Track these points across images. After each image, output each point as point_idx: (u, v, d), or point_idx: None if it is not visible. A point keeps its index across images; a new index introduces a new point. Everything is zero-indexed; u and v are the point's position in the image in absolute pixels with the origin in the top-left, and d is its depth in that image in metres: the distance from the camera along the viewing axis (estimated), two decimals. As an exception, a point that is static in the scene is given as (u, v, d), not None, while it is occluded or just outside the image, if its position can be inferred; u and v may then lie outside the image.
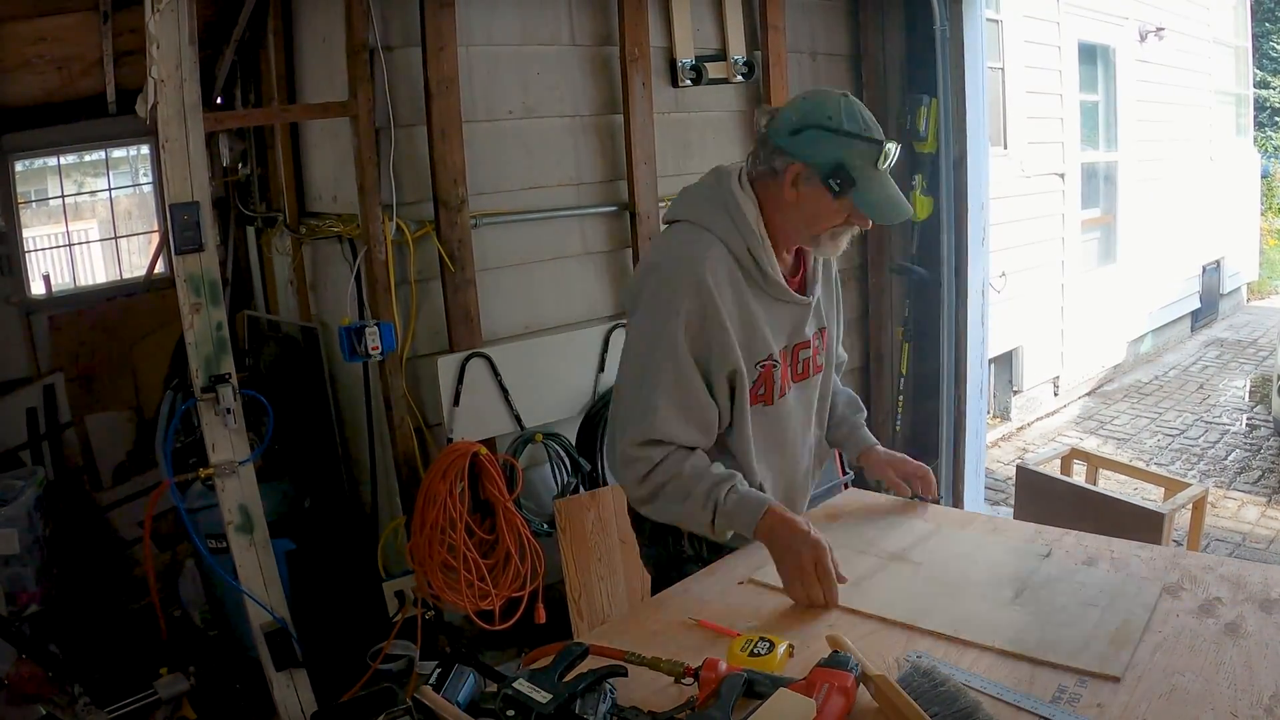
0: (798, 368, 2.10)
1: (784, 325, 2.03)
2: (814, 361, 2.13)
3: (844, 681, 1.35)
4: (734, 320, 1.92)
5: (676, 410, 1.91)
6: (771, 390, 2.02)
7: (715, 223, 1.95)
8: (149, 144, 5.74)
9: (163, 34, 2.73)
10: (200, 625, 4.07)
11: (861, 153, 1.85)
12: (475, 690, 1.44)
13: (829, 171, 1.85)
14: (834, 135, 1.85)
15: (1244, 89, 10.95)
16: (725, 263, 1.92)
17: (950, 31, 4.42)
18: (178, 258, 2.88)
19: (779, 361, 2.02)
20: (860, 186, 1.86)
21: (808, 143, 1.87)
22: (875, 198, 1.87)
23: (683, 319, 1.88)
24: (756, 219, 1.95)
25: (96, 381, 5.45)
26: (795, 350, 2.08)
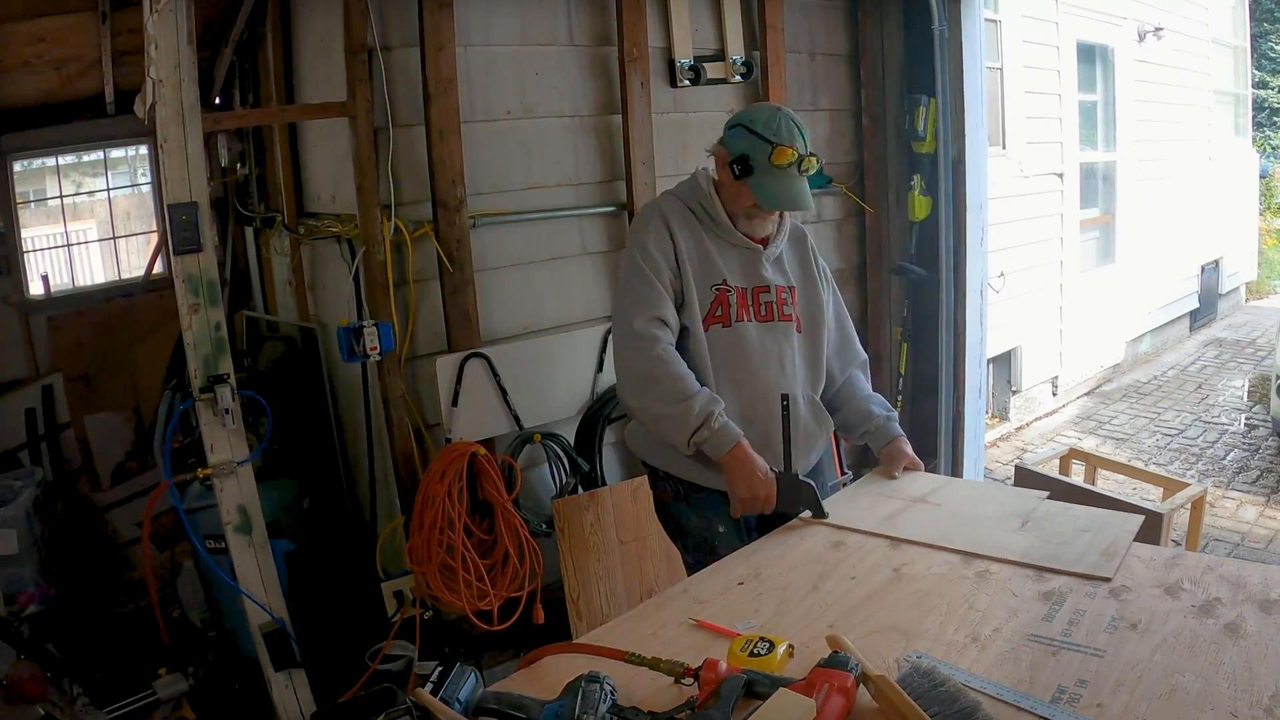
0: (760, 309, 2.49)
1: (736, 264, 2.48)
2: (779, 309, 2.50)
3: (844, 681, 1.35)
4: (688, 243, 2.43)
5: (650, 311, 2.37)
6: (728, 313, 2.44)
7: (680, 189, 2.56)
8: (148, 144, 5.72)
9: (161, 34, 2.73)
10: (199, 625, 4.07)
11: (761, 150, 2.34)
12: (476, 690, 1.44)
13: (734, 158, 2.39)
14: (748, 133, 2.37)
15: (1242, 89, 10.96)
16: (681, 211, 2.48)
17: (949, 31, 4.42)
18: (176, 258, 2.88)
19: (733, 289, 2.45)
20: (756, 175, 2.37)
21: (731, 136, 2.43)
22: (765, 186, 2.37)
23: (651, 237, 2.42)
24: (709, 185, 2.50)
25: (95, 382, 5.44)
26: (755, 292, 2.49)
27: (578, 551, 3.48)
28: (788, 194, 2.38)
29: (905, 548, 2.02)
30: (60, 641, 3.79)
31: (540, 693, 1.45)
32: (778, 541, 2.14)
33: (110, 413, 5.42)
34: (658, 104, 3.97)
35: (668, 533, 2.68)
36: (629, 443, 2.66)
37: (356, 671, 3.47)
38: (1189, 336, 9.44)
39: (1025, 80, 6.63)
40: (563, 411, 3.77)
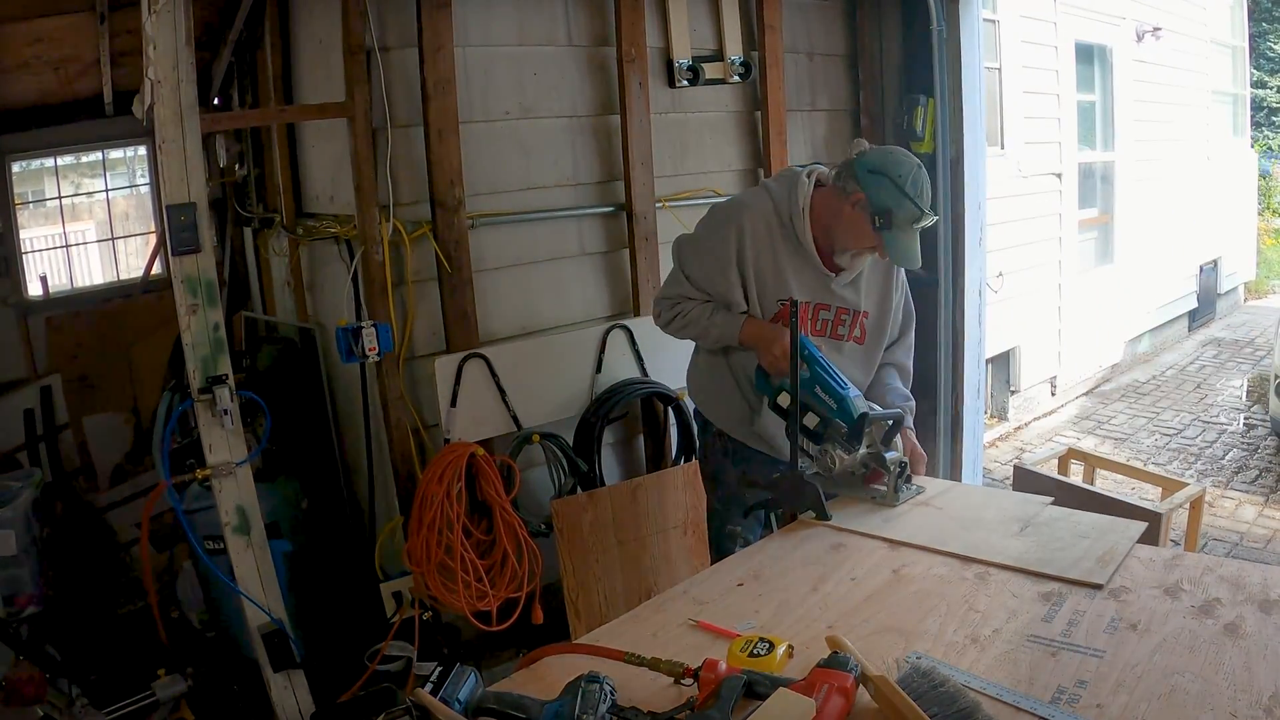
0: (816, 324, 2.65)
1: (807, 282, 2.61)
2: (836, 328, 2.68)
3: (843, 682, 1.35)
4: (761, 258, 2.58)
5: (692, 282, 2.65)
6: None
7: (776, 188, 2.62)
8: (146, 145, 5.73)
9: (160, 35, 2.73)
10: (198, 626, 4.06)
11: (908, 210, 2.40)
12: (476, 690, 1.44)
13: (879, 210, 2.41)
14: (896, 190, 2.40)
15: (1241, 89, 10.97)
16: (766, 217, 2.58)
17: (947, 32, 4.41)
18: (175, 259, 2.88)
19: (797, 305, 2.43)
20: (894, 231, 2.43)
21: (876, 184, 2.42)
22: (900, 243, 2.45)
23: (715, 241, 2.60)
24: (806, 201, 2.56)
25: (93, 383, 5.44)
26: (816, 308, 2.64)
27: (576, 552, 3.47)
28: (913, 251, 2.49)
29: (904, 550, 2.02)
30: (59, 643, 3.78)
31: (540, 693, 1.45)
32: (778, 543, 2.14)
33: (109, 414, 5.43)
34: (656, 104, 3.97)
35: (704, 476, 3.05)
36: (690, 392, 3.01)
37: (355, 672, 3.47)
38: (1187, 336, 9.45)
39: (1023, 80, 6.64)
40: (561, 412, 3.77)
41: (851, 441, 2.30)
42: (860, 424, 2.28)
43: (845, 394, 2.31)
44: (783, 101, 4.35)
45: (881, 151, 2.51)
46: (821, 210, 2.56)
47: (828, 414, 2.31)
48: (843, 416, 2.30)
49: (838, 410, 2.31)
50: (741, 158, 4.38)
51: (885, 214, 2.41)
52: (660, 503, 3.63)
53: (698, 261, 2.65)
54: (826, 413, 2.32)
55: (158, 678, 3.28)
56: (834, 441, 2.32)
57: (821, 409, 2.32)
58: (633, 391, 3.84)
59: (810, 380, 2.33)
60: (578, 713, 1.34)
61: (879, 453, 2.30)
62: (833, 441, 2.32)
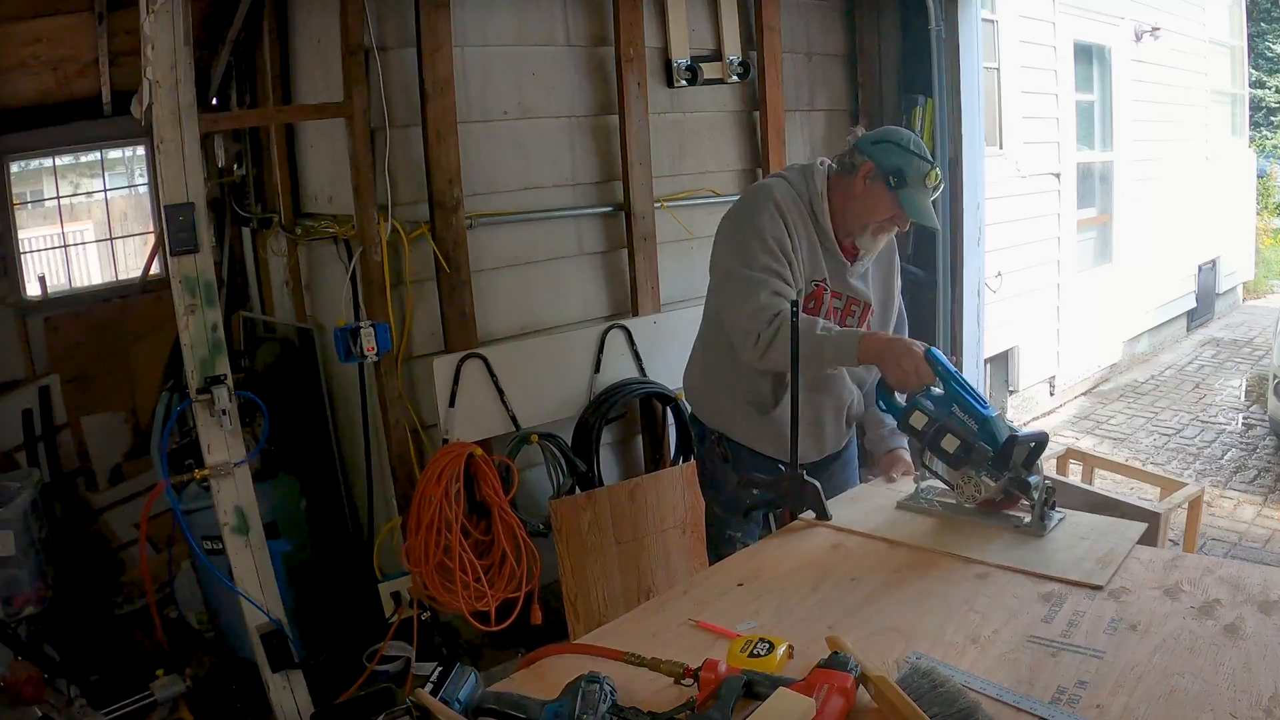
0: (832, 315, 2.61)
1: (827, 269, 2.58)
2: (846, 319, 2.64)
3: (843, 682, 1.35)
4: (798, 234, 2.52)
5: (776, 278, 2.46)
6: (818, 309, 2.57)
7: (792, 176, 2.62)
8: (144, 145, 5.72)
9: (158, 35, 2.73)
10: (196, 627, 4.06)
11: (916, 167, 2.45)
12: (476, 690, 1.44)
13: (890, 171, 2.45)
14: (903, 150, 2.47)
15: (1240, 88, 10.96)
16: (794, 203, 2.55)
17: (945, 32, 4.42)
18: (173, 259, 2.88)
19: (828, 290, 2.58)
20: (909, 189, 2.45)
21: (883, 151, 2.48)
22: (917, 202, 2.47)
23: (766, 216, 2.49)
24: (824, 186, 2.57)
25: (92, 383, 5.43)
26: (830, 295, 2.60)
27: (575, 552, 3.48)
28: (929, 210, 2.50)
29: (904, 550, 2.03)
30: (57, 643, 3.78)
31: (540, 693, 1.44)
32: (778, 543, 2.14)
33: (107, 414, 5.42)
34: (655, 104, 3.97)
35: (701, 484, 2.94)
36: (687, 397, 2.95)
37: (354, 672, 3.47)
38: (1186, 336, 9.44)
39: (1022, 80, 6.63)
40: (560, 412, 3.77)
41: (998, 466, 2.08)
42: (1009, 448, 2.06)
43: (988, 414, 2.11)
44: (781, 101, 4.35)
45: (879, 129, 2.62)
46: (835, 195, 2.56)
47: (968, 436, 2.10)
48: (987, 439, 2.08)
49: (980, 432, 2.09)
50: (740, 158, 4.38)
51: (898, 173, 2.45)
52: (659, 503, 3.64)
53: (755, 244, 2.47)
54: (967, 435, 2.10)
55: (156, 678, 3.28)
56: (978, 467, 2.10)
57: (962, 430, 2.11)
58: (631, 391, 3.84)
59: (947, 399, 2.16)
60: (578, 713, 1.34)
61: (1021, 477, 2.07)
62: (976, 467, 2.10)
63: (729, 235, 2.57)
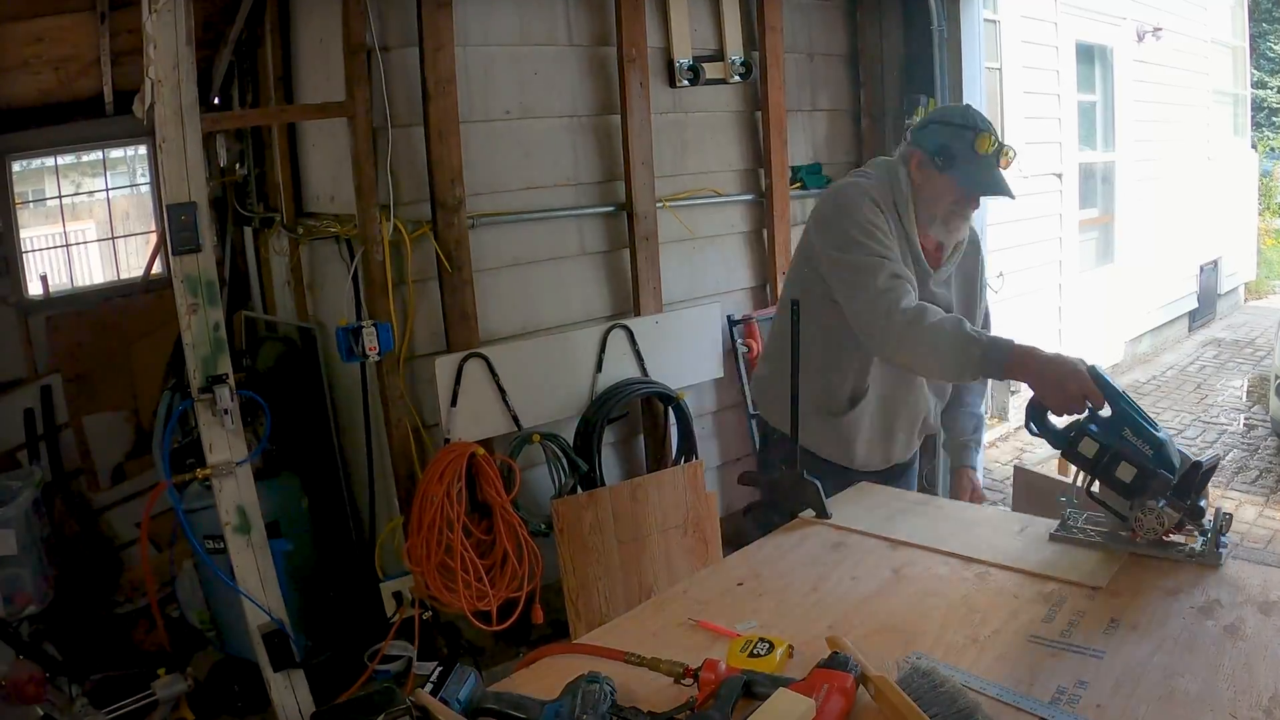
0: None
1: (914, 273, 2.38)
2: None
3: (844, 682, 1.35)
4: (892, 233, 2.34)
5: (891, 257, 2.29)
6: None
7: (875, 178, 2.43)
8: (146, 144, 5.72)
9: (160, 34, 2.73)
10: (198, 626, 4.06)
11: (962, 137, 2.28)
12: (476, 690, 1.44)
13: (935, 151, 2.32)
14: (944, 126, 2.33)
15: (1241, 89, 10.96)
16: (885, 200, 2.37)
17: (948, 32, 4.42)
18: (175, 258, 2.88)
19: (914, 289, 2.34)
20: (960, 165, 2.29)
21: (925, 135, 2.36)
22: (974, 175, 2.30)
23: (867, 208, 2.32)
24: (909, 188, 2.39)
25: (94, 382, 5.43)
26: None
27: (576, 552, 3.48)
28: (996, 180, 2.31)
29: (904, 549, 2.02)
30: (59, 642, 3.79)
31: (540, 693, 1.44)
32: (777, 542, 2.14)
33: (109, 413, 5.42)
34: (657, 104, 3.97)
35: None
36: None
37: (355, 672, 3.47)
38: (1188, 336, 9.44)
39: (1024, 80, 6.63)
40: (562, 412, 3.77)
41: (1179, 495, 1.84)
42: (1191, 474, 1.85)
43: (1163, 438, 1.90)
44: (783, 101, 4.35)
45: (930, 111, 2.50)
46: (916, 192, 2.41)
47: (1145, 463, 1.86)
48: (1165, 465, 1.86)
49: (1156, 458, 1.87)
50: (742, 157, 4.38)
51: (943, 151, 2.31)
52: (660, 503, 3.64)
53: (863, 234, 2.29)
54: (1145, 462, 1.86)
55: (158, 677, 3.29)
56: (1158, 496, 1.84)
57: (1138, 458, 1.87)
58: (633, 391, 3.85)
59: (1117, 421, 1.94)
60: (577, 713, 1.34)
61: (1195, 504, 1.85)
62: (1155, 496, 1.85)
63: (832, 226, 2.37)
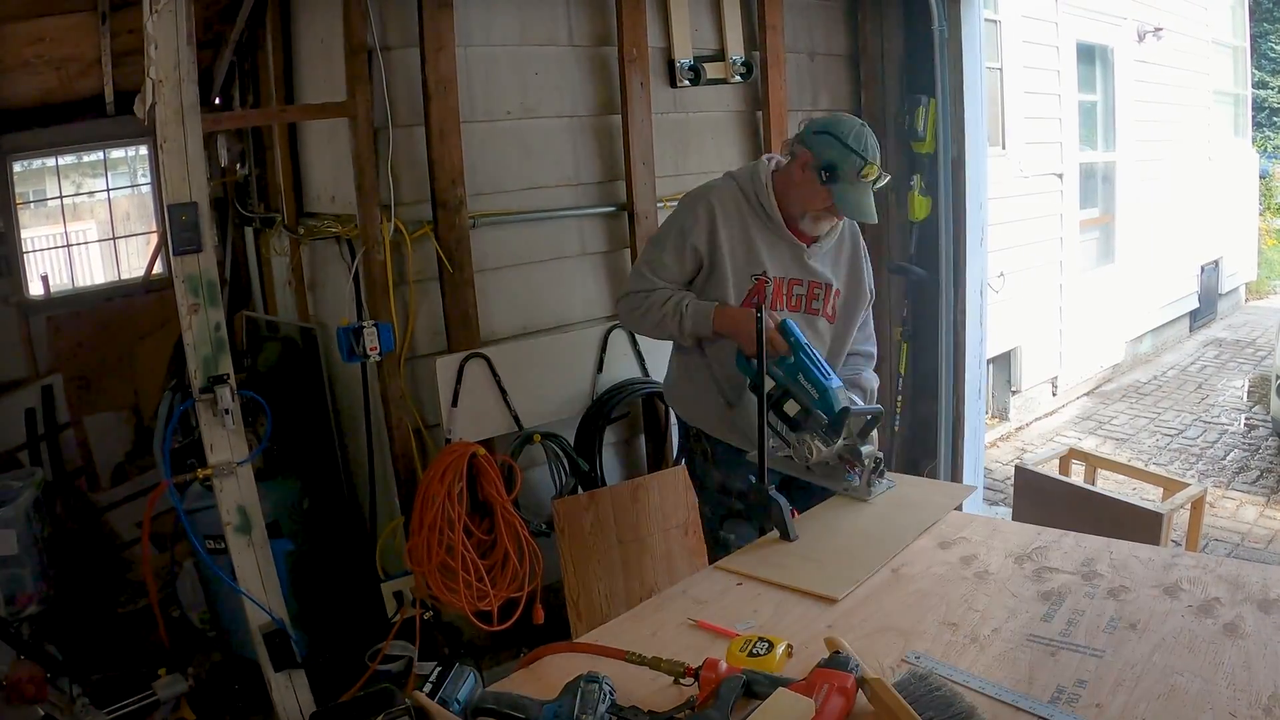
0: (791, 300, 2.69)
1: (780, 257, 2.67)
2: (810, 303, 2.71)
3: (844, 682, 1.35)
4: (732, 232, 2.63)
5: (654, 275, 2.67)
6: (763, 302, 2.60)
7: (739, 172, 2.74)
8: (147, 145, 5.73)
9: (161, 34, 2.73)
10: (199, 626, 4.06)
11: (850, 162, 2.49)
12: (475, 690, 1.44)
13: (824, 165, 2.51)
14: (838, 143, 2.50)
15: (1242, 89, 10.96)
16: (733, 193, 2.67)
17: (948, 32, 4.41)
18: (176, 258, 2.88)
19: (771, 279, 2.64)
20: (842, 184, 2.51)
21: (819, 142, 2.54)
22: (849, 197, 2.53)
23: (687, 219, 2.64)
24: (768, 178, 2.65)
25: (95, 382, 5.45)
26: (790, 284, 2.68)
27: (577, 552, 3.47)
28: (864, 205, 2.56)
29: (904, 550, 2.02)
30: (60, 642, 3.79)
31: (540, 693, 1.45)
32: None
33: (110, 413, 5.43)
34: (657, 104, 3.97)
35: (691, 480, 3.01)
36: (667, 396, 2.99)
37: (356, 672, 3.47)
38: (1189, 336, 9.44)
39: (1025, 80, 6.63)
40: (563, 412, 3.77)
41: (830, 434, 2.29)
42: (842, 417, 2.27)
43: (828, 385, 2.30)
44: (784, 101, 4.35)
45: (826, 116, 2.66)
46: (780, 182, 2.64)
47: (809, 403, 2.31)
48: (824, 407, 2.29)
49: (819, 400, 2.30)
50: (743, 157, 4.37)
51: (831, 168, 2.49)
52: (661, 502, 3.63)
53: (669, 243, 2.68)
54: (808, 402, 2.31)
55: (158, 677, 3.29)
56: (813, 432, 2.31)
57: (804, 398, 2.32)
58: (634, 391, 3.84)
59: (794, 367, 2.35)
60: (577, 713, 1.34)
61: (855, 446, 2.29)
62: (811, 432, 2.31)
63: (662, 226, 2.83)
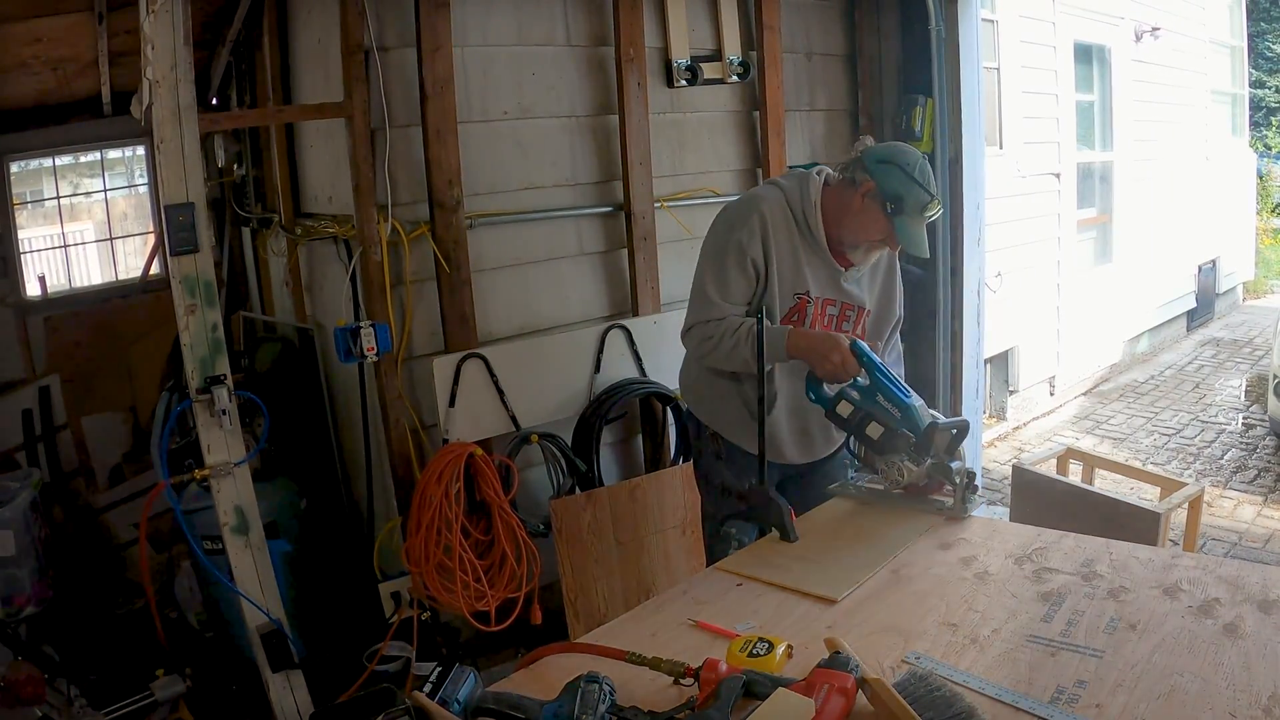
0: (824, 320, 2.65)
1: (820, 276, 2.62)
2: (841, 324, 2.67)
3: (844, 682, 1.35)
4: (781, 248, 2.57)
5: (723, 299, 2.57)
6: (802, 321, 2.60)
7: (787, 184, 2.65)
8: (144, 145, 5.72)
9: (158, 35, 2.73)
10: (196, 627, 4.06)
11: (917, 196, 2.44)
12: (475, 691, 1.44)
13: (890, 197, 2.45)
14: (905, 176, 2.44)
15: (1240, 88, 10.97)
16: (782, 208, 2.59)
17: (945, 32, 4.41)
18: (173, 259, 2.88)
19: (812, 300, 2.61)
20: (905, 217, 2.46)
21: (884, 172, 2.46)
22: (910, 230, 2.49)
23: (745, 231, 2.55)
24: (818, 196, 2.58)
25: (92, 383, 5.43)
26: (823, 304, 2.64)
27: (575, 552, 3.48)
28: (921, 239, 2.53)
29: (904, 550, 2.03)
30: (58, 643, 3.78)
31: (540, 693, 1.44)
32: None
33: (107, 414, 5.42)
34: (655, 104, 3.97)
35: (696, 480, 2.98)
36: (684, 395, 3.01)
37: (354, 672, 3.47)
38: (1186, 336, 9.45)
39: (1022, 80, 6.64)
40: (560, 412, 3.77)
41: (918, 452, 2.20)
42: (929, 434, 2.18)
43: (909, 402, 2.22)
44: (781, 101, 4.35)
45: (888, 145, 2.57)
46: (831, 205, 2.58)
47: (893, 423, 2.21)
48: (909, 426, 2.20)
49: (903, 419, 2.21)
50: (740, 158, 4.38)
51: (897, 200, 2.44)
52: (659, 503, 3.64)
53: (730, 260, 2.57)
54: (891, 422, 2.21)
55: (156, 678, 3.28)
56: (901, 452, 2.21)
57: (886, 418, 2.22)
58: (631, 391, 3.84)
59: (871, 389, 2.27)
60: (576, 713, 1.34)
61: (944, 463, 2.21)
62: (899, 452, 2.21)
63: (711, 243, 2.65)
